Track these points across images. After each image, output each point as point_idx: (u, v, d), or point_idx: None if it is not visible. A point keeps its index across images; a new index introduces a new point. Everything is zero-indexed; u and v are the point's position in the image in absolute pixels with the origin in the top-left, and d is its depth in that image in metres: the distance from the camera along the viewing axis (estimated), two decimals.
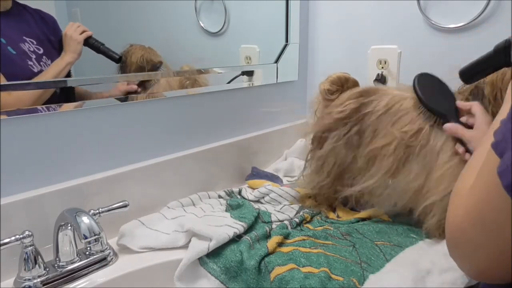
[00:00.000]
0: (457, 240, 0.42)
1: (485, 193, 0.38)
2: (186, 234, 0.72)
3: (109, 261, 0.68)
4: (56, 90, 0.69)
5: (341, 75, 0.84)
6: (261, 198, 0.91)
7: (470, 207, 0.40)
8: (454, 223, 0.42)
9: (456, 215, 0.42)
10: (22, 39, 0.66)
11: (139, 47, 0.81)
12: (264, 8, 1.08)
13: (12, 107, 0.63)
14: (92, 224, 0.61)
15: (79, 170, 0.73)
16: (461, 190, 0.43)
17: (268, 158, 1.12)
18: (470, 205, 0.40)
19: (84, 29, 0.72)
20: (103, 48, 0.75)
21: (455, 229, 0.41)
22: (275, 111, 1.16)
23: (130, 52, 0.80)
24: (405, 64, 1.04)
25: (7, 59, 0.63)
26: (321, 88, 0.84)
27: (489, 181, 0.37)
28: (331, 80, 0.84)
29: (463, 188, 0.42)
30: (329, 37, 1.18)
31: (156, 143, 0.86)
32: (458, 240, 0.42)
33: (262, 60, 1.08)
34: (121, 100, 0.78)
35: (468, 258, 0.41)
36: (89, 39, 0.73)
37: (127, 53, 0.79)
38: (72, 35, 0.71)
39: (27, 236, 0.60)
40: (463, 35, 0.94)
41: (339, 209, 0.87)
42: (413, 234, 0.75)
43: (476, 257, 0.40)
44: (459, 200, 0.42)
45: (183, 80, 0.89)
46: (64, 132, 0.71)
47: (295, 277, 0.61)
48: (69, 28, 0.71)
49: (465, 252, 0.41)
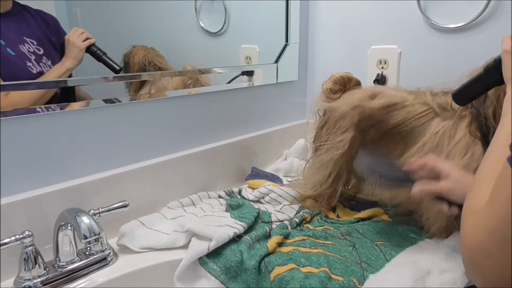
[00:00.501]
0: (480, 261, 0.40)
1: (506, 211, 0.36)
2: (186, 234, 0.72)
3: (109, 261, 0.68)
4: (57, 92, 0.69)
5: (344, 75, 0.85)
6: (261, 198, 0.91)
7: (492, 227, 0.38)
8: (474, 244, 0.40)
9: (475, 235, 0.40)
10: (22, 40, 0.66)
11: (141, 47, 0.81)
12: (264, 8, 1.08)
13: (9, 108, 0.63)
14: (92, 224, 0.61)
15: (79, 170, 0.73)
16: (475, 207, 0.41)
17: (268, 158, 1.12)
18: (491, 224, 0.38)
19: (87, 36, 0.72)
20: (105, 57, 0.74)
21: (477, 250, 0.40)
22: (275, 111, 1.16)
23: (133, 53, 0.80)
24: (405, 64, 1.04)
25: (5, 61, 0.63)
26: (324, 87, 0.85)
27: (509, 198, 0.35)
28: (334, 79, 0.84)
29: (477, 205, 0.41)
30: (329, 37, 1.18)
31: (156, 143, 0.86)
32: (480, 261, 0.40)
33: (262, 60, 1.08)
34: (121, 101, 0.78)
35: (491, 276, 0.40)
36: (91, 46, 0.73)
37: (129, 54, 0.79)
38: (75, 41, 0.70)
39: (27, 236, 0.60)
40: (463, 35, 0.94)
41: (339, 209, 0.87)
42: (413, 234, 0.75)
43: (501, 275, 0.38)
44: (475, 218, 0.41)
45: (185, 80, 0.89)
46: (64, 132, 0.71)
47: (295, 277, 0.61)
48: (72, 34, 0.71)
49: (489, 272, 0.40)
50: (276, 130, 1.14)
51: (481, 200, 0.40)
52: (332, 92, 0.84)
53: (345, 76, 0.85)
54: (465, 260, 0.42)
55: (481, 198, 0.40)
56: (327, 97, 0.84)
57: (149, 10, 0.81)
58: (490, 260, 0.39)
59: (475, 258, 0.40)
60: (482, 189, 0.41)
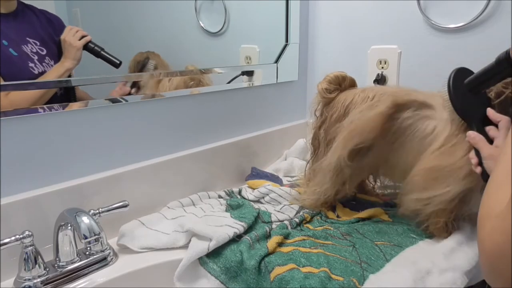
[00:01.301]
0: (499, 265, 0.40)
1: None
2: (186, 234, 0.72)
3: (109, 261, 0.68)
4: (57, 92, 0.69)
5: (339, 74, 0.86)
6: (261, 198, 0.91)
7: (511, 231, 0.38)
8: (493, 249, 0.40)
9: (494, 240, 0.40)
10: (25, 40, 0.66)
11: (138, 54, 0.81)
12: (264, 8, 1.08)
13: (9, 108, 0.63)
14: (92, 224, 0.61)
15: (79, 170, 0.73)
16: (492, 211, 0.41)
17: (268, 158, 1.12)
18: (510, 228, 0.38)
19: (83, 34, 0.70)
20: (103, 53, 0.74)
21: (496, 255, 0.39)
22: (275, 111, 1.16)
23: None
24: (405, 64, 1.04)
25: (7, 61, 0.63)
26: (319, 88, 0.86)
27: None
28: (329, 79, 0.86)
29: (495, 209, 0.40)
30: (329, 37, 1.18)
31: (156, 143, 0.86)
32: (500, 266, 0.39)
33: (262, 60, 1.08)
34: (121, 101, 0.78)
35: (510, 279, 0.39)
36: (88, 44, 0.72)
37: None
38: (71, 41, 0.69)
39: (27, 236, 0.60)
40: (463, 35, 0.94)
41: (339, 209, 0.87)
42: (413, 234, 0.74)
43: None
44: (494, 223, 0.40)
45: (187, 80, 0.89)
46: (64, 132, 0.71)
47: (295, 277, 0.61)
48: (67, 33, 0.69)
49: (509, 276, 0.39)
50: (276, 130, 1.14)
51: (500, 204, 0.40)
52: (328, 91, 0.85)
53: (339, 75, 0.86)
54: (484, 265, 0.42)
55: (499, 202, 0.40)
56: (323, 97, 0.85)
57: (149, 10, 0.81)
58: (510, 264, 0.38)
59: (494, 263, 0.40)
60: (500, 193, 0.41)
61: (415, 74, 1.03)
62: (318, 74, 1.22)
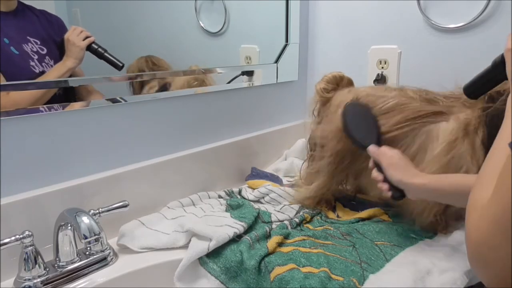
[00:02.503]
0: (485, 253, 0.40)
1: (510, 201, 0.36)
2: (186, 234, 0.72)
3: (109, 261, 0.68)
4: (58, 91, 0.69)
5: (336, 74, 0.88)
6: (261, 198, 0.91)
7: (497, 216, 0.38)
8: (479, 237, 0.40)
9: (480, 228, 0.40)
10: (25, 39, 0.66)
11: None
12: (264, 8, 1.08)
13: (10, 107, 0.63)
14: (92, 224, 0.61)
15: (79, 170, 0.73)
16: (478, 202, 0.41)
17: (268, 158, 1.12)
18: (496, 216, 0.38)
19: (86, 34, 0.71)
20: (106, 54, 0.74)
21: (482, 243, 0.40)
22: (275, 111, 1.16)
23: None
24: (405, 64, 1.04)
25: (9, 59, 0.63)
26: (317, 88, 0.87)
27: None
28: (327, 79, 0.87)
29: (480, 200, 0.41)
30: (329, 37, 1.18)
31: (156, 143, 0.86)
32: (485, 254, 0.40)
33: (262, 60, 1.08)
34: (121, 101, 0.78)
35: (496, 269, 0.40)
36: (91, 45, 0.72)
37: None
38: (75, 41, 0.70)
39: (27, 236, 0.60)
40: (463, 35, 0.94)
41: (339, 209, 0.87)
42: (413, 234, 0.75)
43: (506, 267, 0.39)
44: (480, 212, 0.41)
45: (191, 80, 0.89)
46: (64, 132, 0.71)
47: (295, 277, 0.61)
48: (71, 33, 0.70)
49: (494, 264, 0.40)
50: (276, 130, 1.14)
51: (486, 195, 0.40)
52: (326, 91, 0.86)
53: (337, 75, 0.88)
54: (470, 254, 0.42)
55: (485, 193, 0.40)
56: (321, 96, 0.87)
57: (149, 10, 0.81)
58: (495, 252, 0.39)
59: (480, 251, 0.41)
60: (486, 184, 0.42)
61: (415, 74, 1.03)
62: (318, 74, 1.22)
